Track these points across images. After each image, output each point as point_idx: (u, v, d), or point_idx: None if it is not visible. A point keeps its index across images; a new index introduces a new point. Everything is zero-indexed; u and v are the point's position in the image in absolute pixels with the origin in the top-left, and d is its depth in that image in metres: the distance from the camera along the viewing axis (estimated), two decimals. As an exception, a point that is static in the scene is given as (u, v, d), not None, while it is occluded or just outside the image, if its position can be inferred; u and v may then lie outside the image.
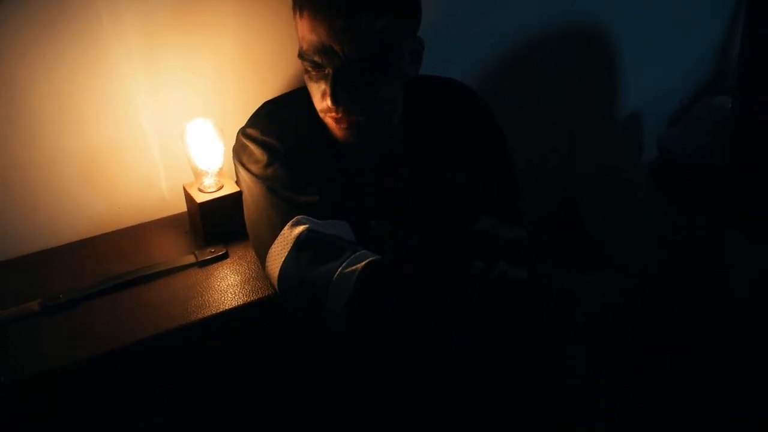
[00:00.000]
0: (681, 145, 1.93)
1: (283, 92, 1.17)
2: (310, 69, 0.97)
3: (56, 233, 1.13)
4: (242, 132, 1.06)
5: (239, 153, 1.05)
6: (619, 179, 2.12)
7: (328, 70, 0.94)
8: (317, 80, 0.97)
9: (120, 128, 1.11)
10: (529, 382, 0.99)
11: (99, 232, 1.16)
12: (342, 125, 0.99)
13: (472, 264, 1.06)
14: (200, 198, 1.06)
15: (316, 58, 0.94)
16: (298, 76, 1.24)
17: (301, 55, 0.96)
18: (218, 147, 1.06)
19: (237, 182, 1.11)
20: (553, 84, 1.72)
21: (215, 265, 1.05)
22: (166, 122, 1.15)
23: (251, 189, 1.01)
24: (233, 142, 1.08)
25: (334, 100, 0.94)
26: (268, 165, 1.00)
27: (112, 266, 1.05)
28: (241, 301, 0.97)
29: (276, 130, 1.03)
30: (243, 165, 1.03)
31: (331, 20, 0.91)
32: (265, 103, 1.10)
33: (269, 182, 0.98)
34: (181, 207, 1.22)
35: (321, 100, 0.98)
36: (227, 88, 1.19)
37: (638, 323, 1.02)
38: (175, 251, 1.09)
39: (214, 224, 1.08)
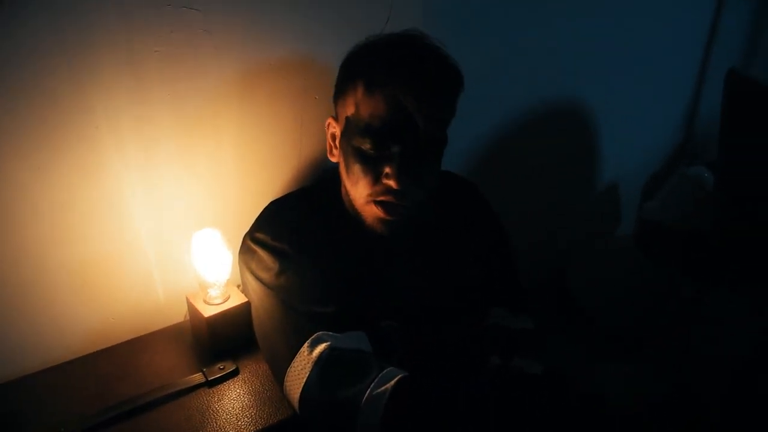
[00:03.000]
0: (662, 214, 1.98)
1: (286, 193, 1.16)
2: (368, 148, 0.92)
3: (49, 352, 1.07)
4: (250, 236, 1.02)
5: (247, 259, 1.01)
6: (604, 248, 2.17)
7: (396, 150, 0.91)
8: (373, 161, 0.92)
9: (114, 239, 1.07)
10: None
11: (95, 348, 1.10)
12: (389, 212, 0.95)
13: (489, 361, 1.06)
14: (207, 311, 1.02)
15: (385, 136, 0.90)
16: (298, 178, 1.23)
17: (361, 132, 0.92)
18: (226, 257, 1.03)
19: (243, 289, 1.07)
20: (538, 163, 1.75)
21: (226, 384, 1.00)
22: (164, 230, 1.11)
23: (263, 300, 0.97)
24: (237, 249, 1.06)
25: (400, 182, 0.90)
26: (280, 273, 0.96)
27: (114, 387, 0.99)
28: (260, 425, 0.92)
29: (286, 233, 0.99)
30: (252, 273, 0.99)
31: (419, 96, 0.89)
32: (271, 203, 1.08)
33: (283, 293, 0.95)
34: (179, 316, 1.17)
35: (372, 184, 0.93)
36: (228, 195, 1.16)
37: (668, 411, 1.00)
38: (180, 368, 1.03)
39: (222, 338, 1.04)
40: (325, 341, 0.89)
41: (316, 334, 0.90)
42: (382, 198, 0.94)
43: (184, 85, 1.04)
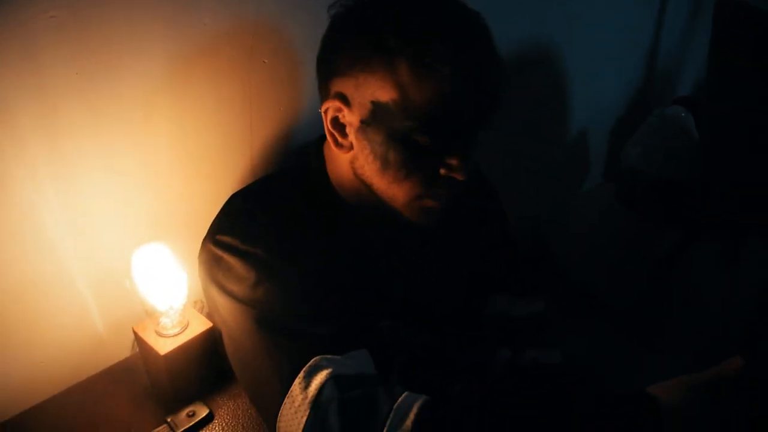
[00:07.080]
0: (644, 161, 1.86)
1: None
2: (427, 142, 0.73)
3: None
4: (212, 240, 0.79)
5: (212, 270, 0.78)
6: (579, 199, 2.07)
7: (464, 140, 0.76)
8: (429, 155, 0.75)
9: (33, 268, 0.84)
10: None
11: (26, 406, 0.88)
12: (440, 201, 0.79)
13: (498, 356, 0.94)
14: (163, 347, 0.79)
15: (459, 127, 0.74)
16: (253, 166, 1.02)
17: (418, 123, 0.72)
18: (180, 277, 0.80)
19: (208, 308, 0.85)
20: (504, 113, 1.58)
21: (201, 434, 0.79)
22: (94, 250, 0.89)
23: (239, 321, 0.75)
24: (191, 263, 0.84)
25: (467, 173, 0.76)
26: (257, 284, 0.75)
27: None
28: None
29: (260, 231, 0.78)
30: (220, 287, 0.77)
31: (490, 72, 0.74)
32: (232, 197, 0.85)
33: (263, 309, 0.74)
34: (126, 350, 0.95)
35: (427, 182, 0.76)
36: (170, 198, 0.94)
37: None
38: (138, 421, 0.82)
39: (186, 376, 0.82)
40: (325, 368, 0.69)
41: (312, 361, 0.70)
42: (436, 191, 0.78)
43: (95, 59, 0.80)
